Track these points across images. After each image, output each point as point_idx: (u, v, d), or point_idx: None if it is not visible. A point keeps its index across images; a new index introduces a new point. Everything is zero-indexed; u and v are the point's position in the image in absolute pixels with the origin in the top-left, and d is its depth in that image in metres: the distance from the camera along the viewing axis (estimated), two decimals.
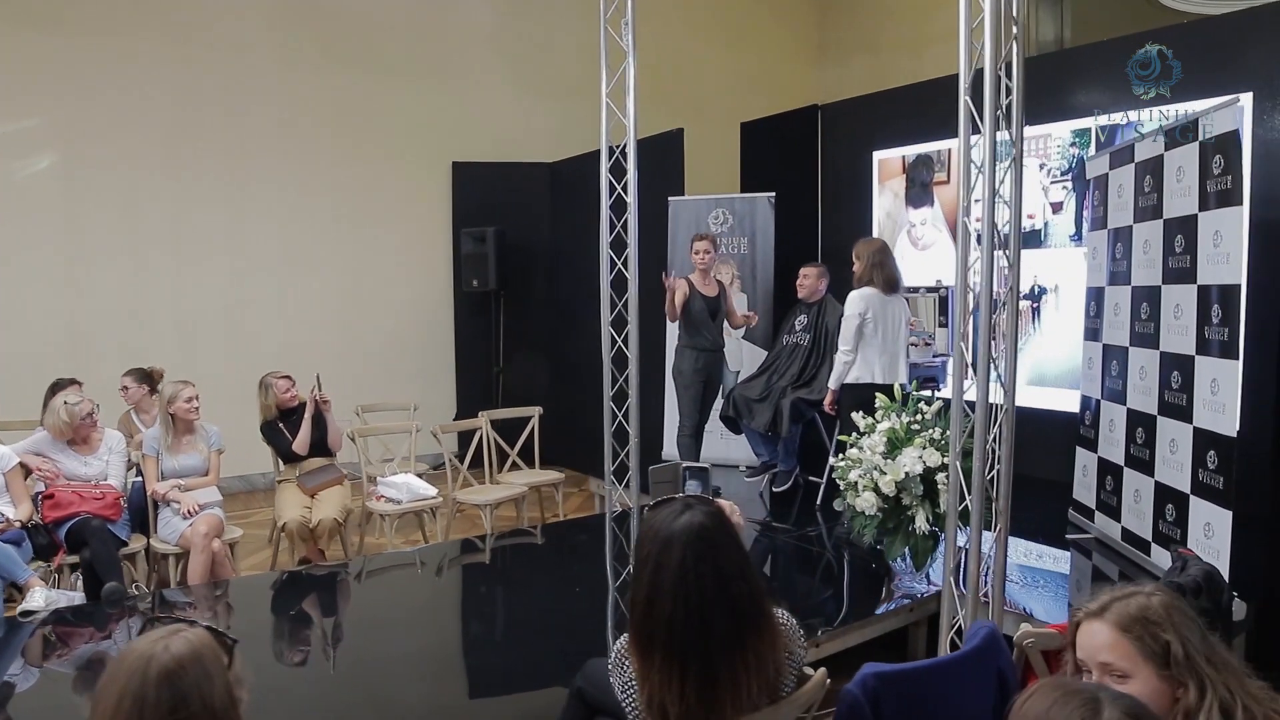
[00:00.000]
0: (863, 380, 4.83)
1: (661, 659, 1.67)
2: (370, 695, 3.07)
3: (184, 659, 1.32)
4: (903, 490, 3.88)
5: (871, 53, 8.77)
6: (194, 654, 1.33)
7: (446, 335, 7.99)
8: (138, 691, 1.28)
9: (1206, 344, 3.62)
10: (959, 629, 3.38)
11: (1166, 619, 1.45)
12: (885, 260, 4.96)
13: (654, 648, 1.68)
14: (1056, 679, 1.23)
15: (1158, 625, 1.44)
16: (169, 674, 1.30)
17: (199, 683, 1.32)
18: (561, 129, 7.80)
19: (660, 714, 1.68)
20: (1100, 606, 1.52)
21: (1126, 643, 1.45)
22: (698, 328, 5.59)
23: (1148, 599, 1.48)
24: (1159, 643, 1.43)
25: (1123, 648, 1.45)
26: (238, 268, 7.06)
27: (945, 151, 6.51)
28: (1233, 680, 1.39)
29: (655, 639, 1.68)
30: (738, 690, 1.67)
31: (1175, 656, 1.41)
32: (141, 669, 1.30)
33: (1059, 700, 1.18)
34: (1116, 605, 1.50)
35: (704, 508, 1.75)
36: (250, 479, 6.97)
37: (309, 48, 7.24)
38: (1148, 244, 4.12)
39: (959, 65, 3.34)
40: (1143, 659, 1.44)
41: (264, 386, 4.95)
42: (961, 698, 1.98)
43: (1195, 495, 3.69)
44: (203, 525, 4.26)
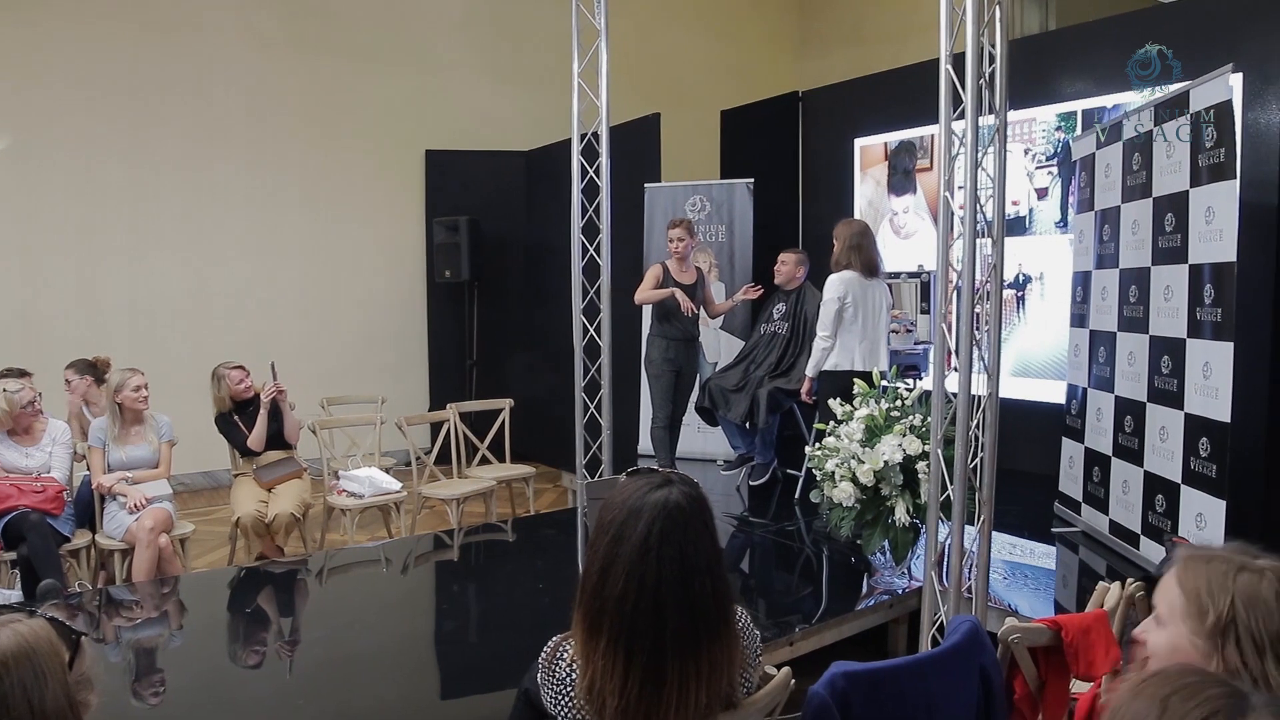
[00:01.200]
0: (842, 367, 4.66)
1: (608, 642, 1.48)
2: (329, 696, 2.91)
3: (9, 655, 1.10)
4: (882, 480, 3.71)
5: (854, 43, 8.63)
6: (23, 650, 1.11)
7: (419, 327, 7.79)
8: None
9: (1198, 326, 3.47)
10: (941, 626, 3.22)
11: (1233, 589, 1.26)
12: (865, 243, 4.78)
13: (601, 628, 1.49)
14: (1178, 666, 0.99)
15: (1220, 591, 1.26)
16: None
17: (25, 684, 1.10)
18: (537, 116, 7.61)
19: (599, 703, 1.49)
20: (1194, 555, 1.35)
21: (1177, 589, 1.30)
22: (668, 315, 5.39)
23: (1254, 574, 1.26)
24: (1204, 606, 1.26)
25: (1172, 592, 1.31)
26: (201, 256, 6.85)
27: (928, 138, 6.36)
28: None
29: (603, 617, 1.49)
30: (685, 697, 1.48)
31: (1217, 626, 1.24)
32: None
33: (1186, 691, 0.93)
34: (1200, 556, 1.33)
35: (685, 488, 1.55)
36: (215, 474, 6.75)
37: (277, 31, 7.04)
38: (1136, 224, 3.97)
39: (939, 32, 3.19)
40: (1186, 614, 1.28)
41: (216, 378, 4.74)
42: (941, 698, 1.81)
43: (1187, 485, 3.54)
44: (149, 519, 4.05)
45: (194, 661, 3.25)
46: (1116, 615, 2.19)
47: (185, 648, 3.40)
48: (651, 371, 5.51)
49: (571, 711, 1.55)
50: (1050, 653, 2.03)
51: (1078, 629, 2.02)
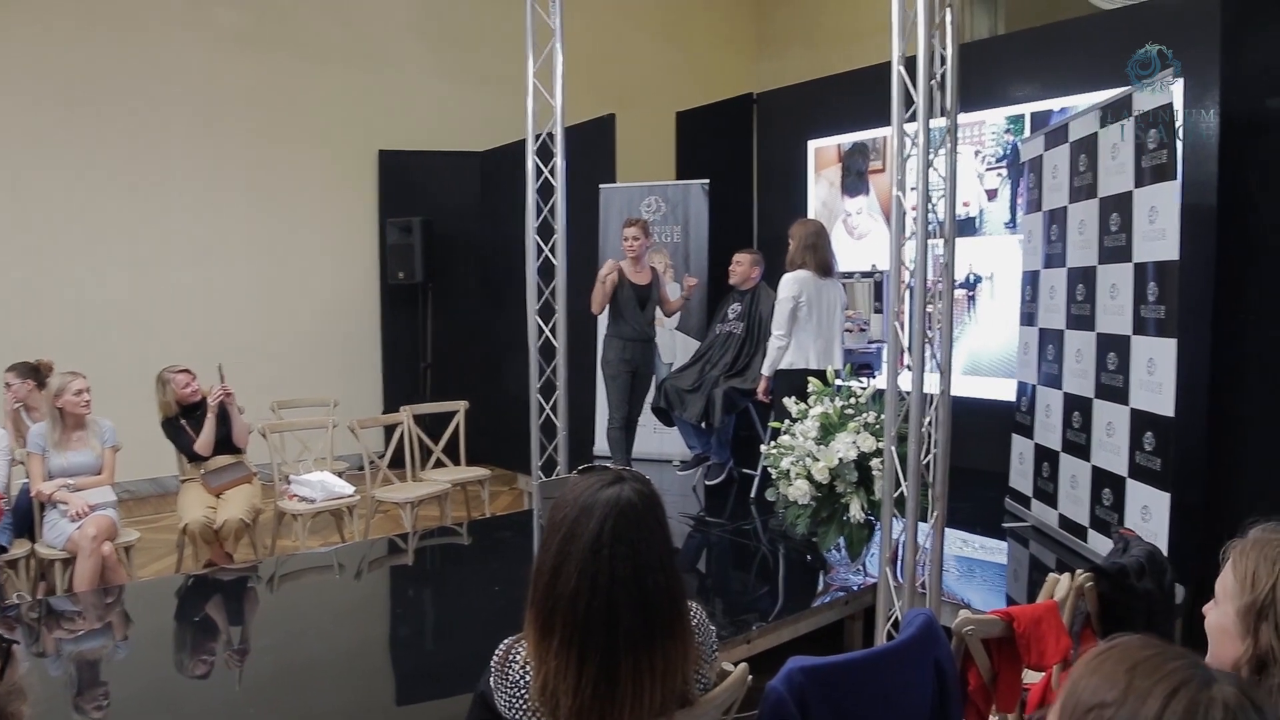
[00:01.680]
0: (797, 366, 4.69)
1: (561, 641, 1.46)
2: (281, 705, 2.85)
3: None
4: (836, 478, 3.74)
5: (808, 46, 8.70)
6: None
7: (372, 329, 7.69)
8: None
9: (1143, 323, 3.55)
10: (896, 621, 3.25)
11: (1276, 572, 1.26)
12: (820, 243, 4.82)
13: (554, 627, 1.47)
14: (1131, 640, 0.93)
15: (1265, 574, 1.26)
16: None
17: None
18: (492, 117, 7.56)
19: (553, 703, 1.47)
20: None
21: (1231, 570, 1.30)
22: (624, 316, 5.38)
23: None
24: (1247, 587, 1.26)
25: (1227, 573, 1.30)
26: (145, 256, 6.68)
27: (881, 139, 6.43)
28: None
29: (556, 616, 1.47)
30: (639, 695, 1.47)
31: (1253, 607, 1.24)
32: None
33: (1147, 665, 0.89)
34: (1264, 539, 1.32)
35: (637, 484, 1.53)
36: (162, 481, 6.60)
37: (225, 28, 6.90)
38: (1083, 224, 4.05)
39: (892, 35, 3.23)
40: (1233, 594, 1.28)
41: (161, 382, 4.62)
42: (897, 691, 1.82)
43: (1132, 478, 3.61)
44: (91, 527, 3.94)
45: (139, 673, 3.16)
46: (1066, 606, 2.23)
47: (130, 659, 3.31)
48: (608, 372, 5.48)
49: (526, 714, 1.53)
50: (1003, 644, 2.05)
51: (1029, 620, 2.05)
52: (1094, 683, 0.89)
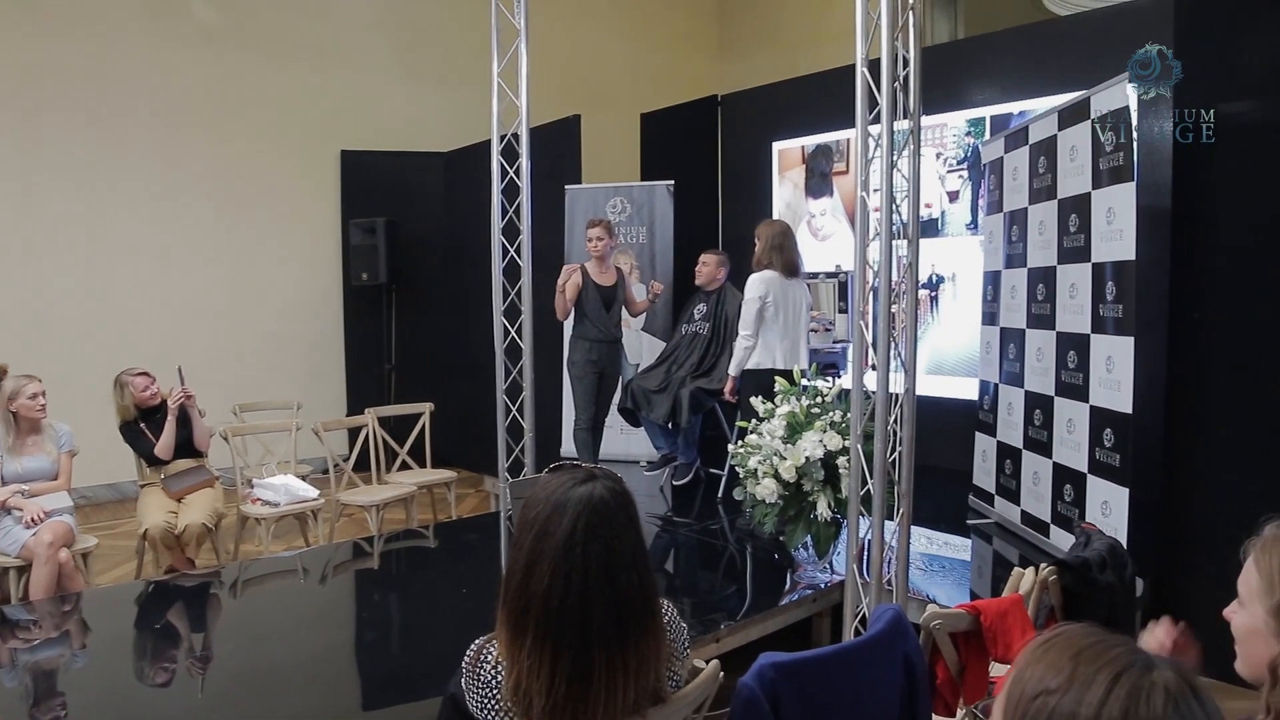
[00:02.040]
0: (763, 366, 4.72)
1: (533, 640, 1.46)
2: (245, 712, 2.79)
3: None
4: (803, 476, 3.77)
5: (772, 48, 8.75)
6: None
7: (335, 330, 7.60)
8: None
9: (1101, 322, 3.61)
10: (863, 617, 3.28)
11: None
12: (786, 243, 4.86)
13: (526, 626, 1.46)
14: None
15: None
16: None
17: None
18: (456, 117, 7.51)
19: (526, 703, 1.46)
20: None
21: (1254, 570, 1.29)
22: (589, 318, 5.37)
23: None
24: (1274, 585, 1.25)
25: (1250, 574, 1.29)
26: (101, 257, 6.55)
27: (844, 141, 6.48)
28: None
29: (529, 615, 1.46)
30: (613, 693, 1.47)
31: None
32: None
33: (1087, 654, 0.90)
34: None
35: (609, 483, 1.53)
36: (120, 486, 6.47)
37: (182, 24, 6.78)
38: (1043, 225, 4.12)
39: (855, 38, 3.27)
40: (1260, 593, 1.27)
41: (119, 385, 4.54)
42: (866, 686, 1.84)
43: (1093, 474, 3.68)
44: (47, 534, 3.85)
45: (98, 682, 3.09)
46: (1031, 599, 2.26)
47: (89, 668, 3.23)
48: (574, 373, 5.46)
49: (498, 714, 1.53)
50: (970, 637, 2.08)
51: (995, 613, 2.08)
52: (1038, 671, 0.90)
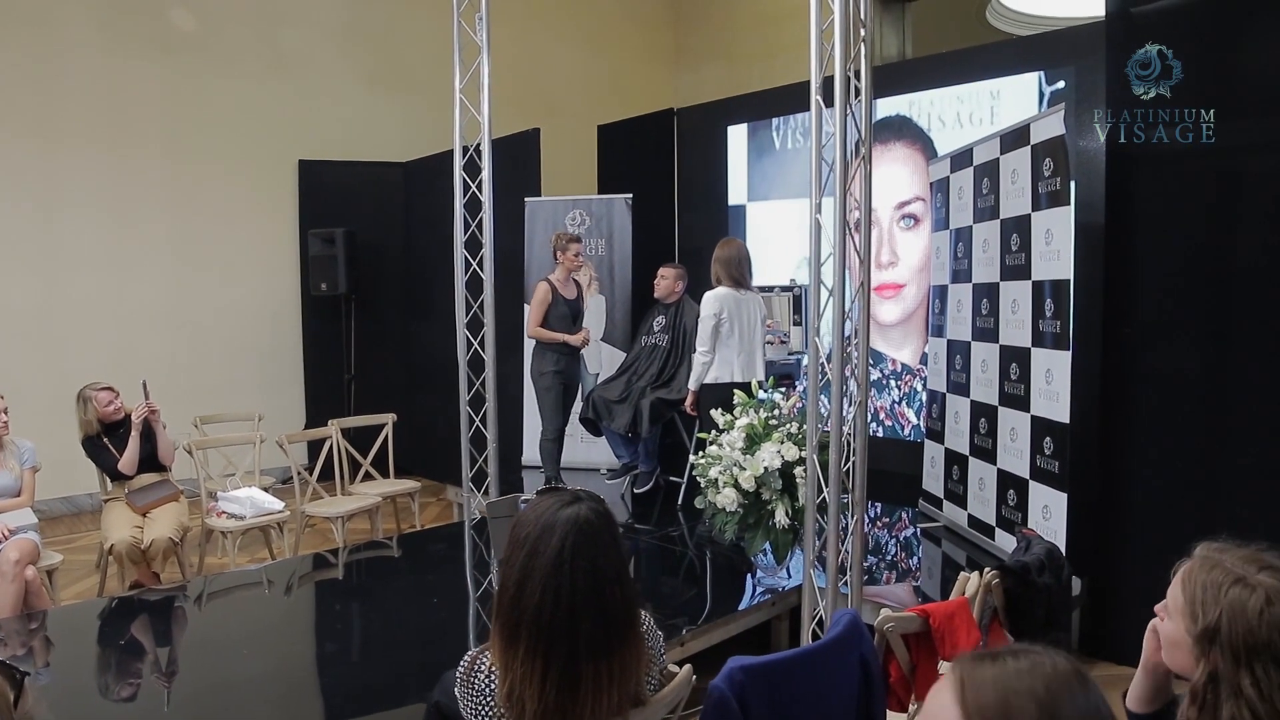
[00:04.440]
0: (722, 380, 4.88)
1: (526, 650, 1.59)
2: None
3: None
4: (762, 485, 3.92)
5: (725, 60, 8.92)
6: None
7: (294, 341, 7.59)
8: None
9: (1041, 336, 3.82)
10: (820, 620, 3.43)
11: (1223, 602, 1.35)
12: (735, 261, 5.02)
13: (519, 637, 1.60)
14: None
15: (1211, 601, 1.36)
16: None
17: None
18: (413, 127, 7.57)
19: (519, 708, 1.59)
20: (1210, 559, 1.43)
21: (1180, 589, 1.42)
22: (556, 330, 5.46)
23: (1246, 589, 1.35)
24: (1196, 612, 1.37)
25: (1176, 590, 1.42)
26: (53, 269, 6.47)
27: None
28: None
29: (521, 628, 1.59)
30: (599, 698, 1.61)
31: (1206, 633, 1.35)
32: None
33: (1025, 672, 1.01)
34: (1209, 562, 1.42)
35: (593, 504, 1.68)
36: (74, 500, 6.43)
37: (137, 30, 6.72)
38: (987, 243, 4.33)
39: (809, 64, 3.42)
40: (1184, 615, 1.39)
41: (82, 400, 4.52)
42: (827, 686, 1.98)
43: (1034, 480, 3.88)
44: (13, 551, 3.84)
45: (67, 701, 3.11)
46: (976, 601, 2.43)
47: (55, 686, 3.25)
48: (541, 384, 5.55)
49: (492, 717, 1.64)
50: (920, 639, 2.24)
51: (943, 615, 2.24)
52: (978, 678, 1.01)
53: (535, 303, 5.47)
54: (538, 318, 5.43)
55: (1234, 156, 3.59)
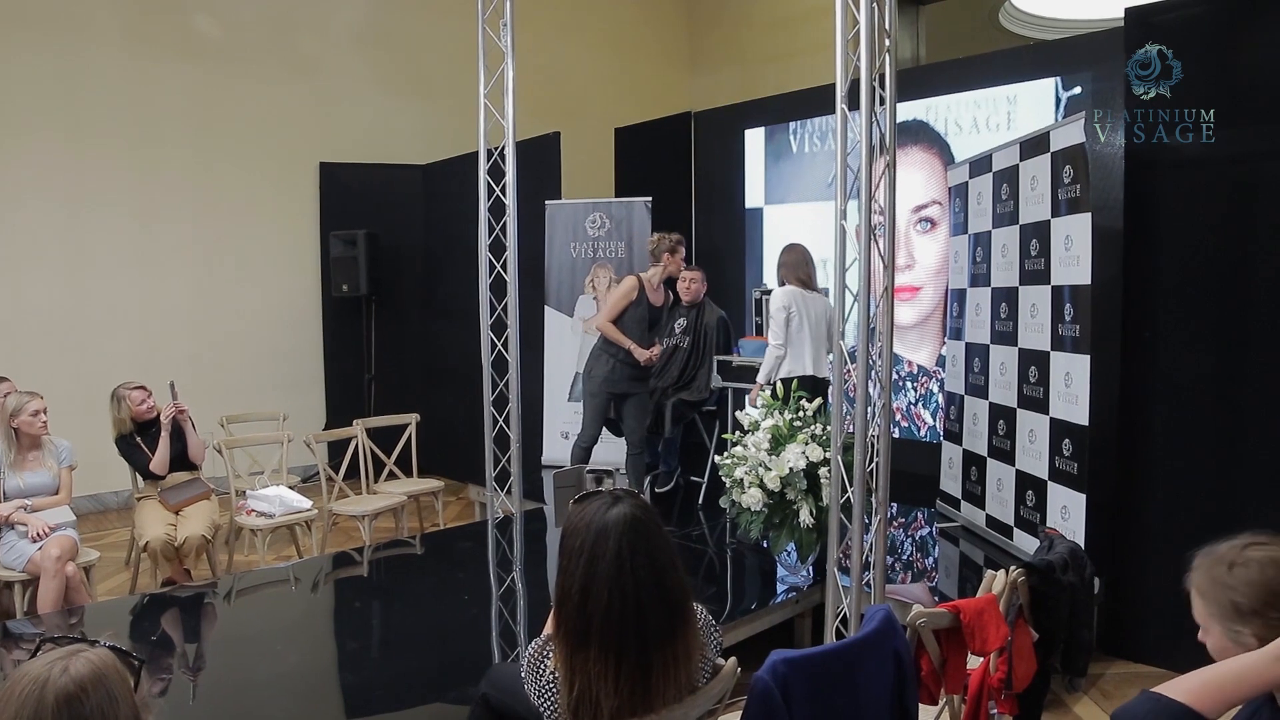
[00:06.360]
0: (795, 373, 4.74)
1: (597, 651, 1.66)
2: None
3: (85, 682, 1.19)
4: (787, 485, 3.99)
5: (740, 63, 8.99)
6: (96, 676, 1.21)
7: (315, 342, 7.69)
8: (33, 719, 1.16)
9: (1060, 340, 3.88)
10: (844, 618, 3.50)
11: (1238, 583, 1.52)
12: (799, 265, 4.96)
13: (589, 641, 1.66)
14: None
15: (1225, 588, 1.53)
16: (69, 698, 1.17)
17: (102, 707, 1.19)
18: (432, 130, 7.67)
19: (593, 708, 1.66)
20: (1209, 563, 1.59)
21: (1196, 597, 1.58)
22: (627, 329, 5.31)
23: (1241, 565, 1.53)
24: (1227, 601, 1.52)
25: (1199, 607, 1.58)
26: (82, 271, 6.58)
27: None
28: None
29: (590, 632, 1.66)
30: (668, 681, 1.68)
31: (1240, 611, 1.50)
32: (37, 694, 1.17)
33: None
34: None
35: (633, 500, 1.76)
36: (101, 498, 6.53)
37: (162, 35, 6.82)
38: (1005, 248, 4.39)
39: (835, 74, 3.47)
40: (1211, 617, 1.55)
41: (116, 399, 4.62)
42: (864, 677, 2.05)
43: (1053, 481, 3.95)
44: (54, 548, 3.94)
45: None
46: (1002, 598, 2.50)
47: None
48: (589, 388, 5.42)
49: (556, 712, 1.72)
50: (950, 634, 2.31)
51: (973, 612, 2.31)
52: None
53: (618, 294, 5.32)
54: (614, 311, 5.25)
55: (1251, 161, 3.64)
